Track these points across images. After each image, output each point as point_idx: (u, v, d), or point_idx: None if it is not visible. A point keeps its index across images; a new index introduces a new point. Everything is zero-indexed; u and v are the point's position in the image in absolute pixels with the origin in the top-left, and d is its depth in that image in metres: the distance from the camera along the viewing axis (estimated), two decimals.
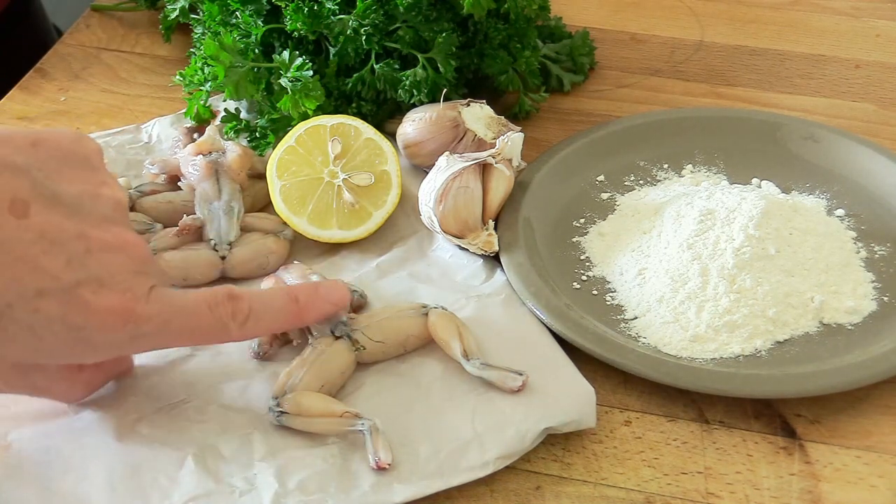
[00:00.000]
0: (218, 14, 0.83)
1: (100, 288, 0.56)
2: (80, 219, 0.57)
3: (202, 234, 0.74)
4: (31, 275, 0.55)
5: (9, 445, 0.62)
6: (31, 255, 0.54)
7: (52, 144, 0.58)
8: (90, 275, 0.56)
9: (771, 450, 0.63)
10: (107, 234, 0.57)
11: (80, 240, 0.56)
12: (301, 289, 0.64)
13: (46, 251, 0.55)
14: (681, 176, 0.80)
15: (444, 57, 0.80)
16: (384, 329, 0.66)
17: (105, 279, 0.56)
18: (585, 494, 0.61)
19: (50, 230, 0.55)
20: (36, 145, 0.57)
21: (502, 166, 0.74)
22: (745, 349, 0.67)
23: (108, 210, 0.58)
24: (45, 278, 0.55)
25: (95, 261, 0.56)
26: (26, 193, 0.55)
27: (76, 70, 0.95)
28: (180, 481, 0.60)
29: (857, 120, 0.86)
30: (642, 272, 0.71)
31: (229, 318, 0.60)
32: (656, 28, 0.98)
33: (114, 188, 0.60)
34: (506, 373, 0.64)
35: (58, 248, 0.55)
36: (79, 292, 0.55)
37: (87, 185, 0.58)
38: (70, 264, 0.55)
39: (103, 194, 0.59)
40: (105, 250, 0.57)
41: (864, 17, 0.99)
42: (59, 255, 0.55)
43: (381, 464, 0.60)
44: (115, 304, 0.56)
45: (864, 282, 0.71)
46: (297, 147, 0.75)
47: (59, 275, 0.55)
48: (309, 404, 0.62)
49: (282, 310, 0.63)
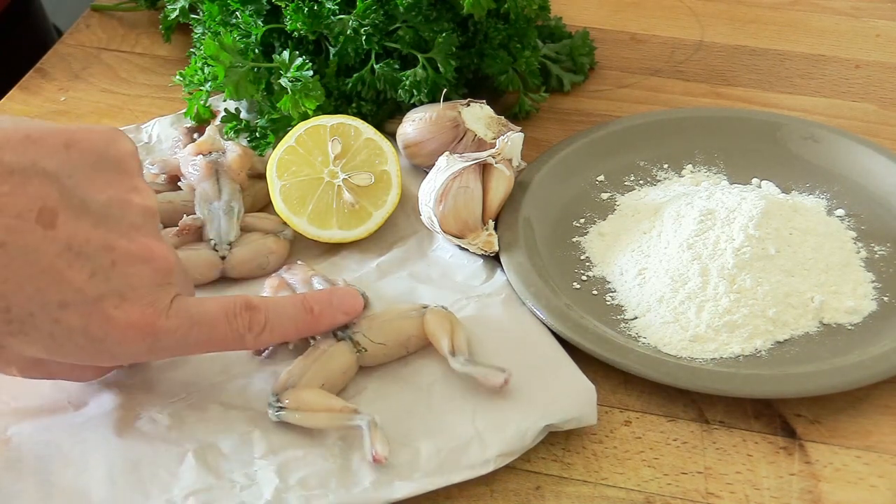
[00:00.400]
0: (218, 14, 0.83)
1: (122, 302, 0.56)
2: (107, 228, 0.57)
3: (202, 234, 0.74)
4: (55, 286, 0.55)
5: (8, 440, 0.63)
6: (56, 266, 0.55)
7: (85, 147, 0.57)
8: (113, 288, 0.56)
9: (771, 450, 0.63)
10: (133, 245, 0.57)
11: (105, 251, 0.56)
12: (315, 298, 0.65)
13: (71, 263, 0.55)
14: (681, 176, 0.80)
15: (444, 57, 0.80)
16: (385, 331, 0.66)
17: (128, 293, 0.57)
18: (585, 494, 0.61)
19: (76, 242, 0.55)
20: (69, 147, 0.56)
21: (502, 166, 0.74)
22: (745, 349, 0.67)
23: (137, 218, 0.58)
24: (68, 291, 0.55)
25: (120, 273, 0.56)
26: (55, 202, 0.55)
27: (76, 70, 0.95)
28: (180, 476, 0.60)
29: (857, 120, 0.86)
30: (642, 272, 0.71)
31: (246, 330, 0.61)
32: (656, 28, 0.98)
33: (144, 195, 0.59)
34: (489, 369, 0.64)
35: (83, 260, 0.55)
36: (101, 306, 0.56)
37: (116, 192, 0.58)
38: (94, 277, 0.56)
39: (133, 202, 0.58)
40: (130, 263, 0.57)
41: (864, 17, 0.99)
42: (84, 268, 0.55)
43: (378, 457, 0.60)
44: (136, 319, 0.57)
45: (864, 282, 0.71)
46: (297, 147, 0.75)
47: (82, 287, 0.55)
48: (308, 399, 0.62)
49: (296, 319, 0.63)
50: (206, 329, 0.60)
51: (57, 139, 0.56)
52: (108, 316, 0.56)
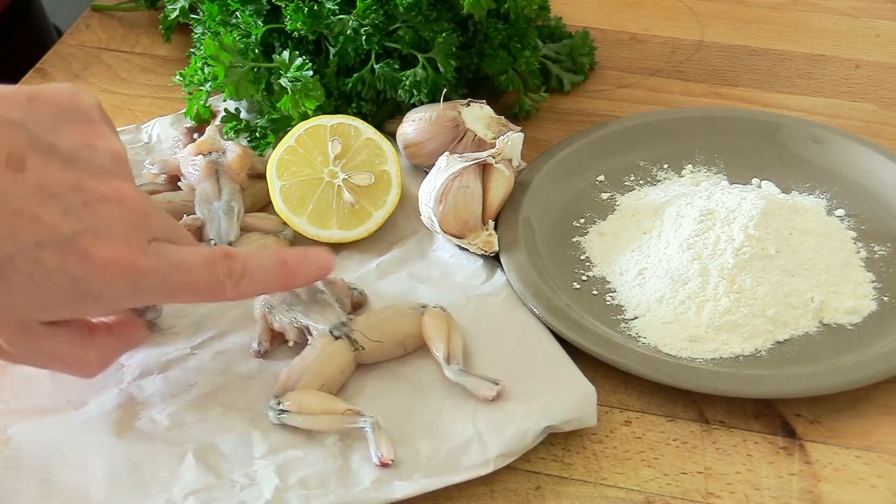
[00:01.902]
0: (218, 14, 0.83)
1: (97, 239, 0.56)
2: (76, 171, 0.57)
3: (202, 234, 0.74)
4: (30, 227, 0.55)
5: (8, 439, 0.63)
6: (28, 207, 0.55)
7: (48, 99, 0.59)
8: (87, 226, 0.56)
9: (771, 450, 0.63)
10: (103, 186, 0.57)
11: (76, 191, 0.56)
12: (290, 252, 0.64)
13: (43, 203, 0.56)
14: (681, 176, 0.80)
15: (444, 57, 0.80)
16: (382, 329, 0.66)
17: (101, 231, 0.57)
18: (585, 494, 0.61)
19: (46, 183, 0.56)
20: (32, 100, 0.58)
21: (502, 166, 0.74)
22: (745, 349, 0.67)
23: (106, 162, 0.59)
24: (42, 230, 0.55)
25: (92, 212, 0.57)
26: (22, 148, 0.56)
27: (76, 70, 0.95)
28: (180, 476, 0.60)
29: (858, 120, 0.86)
30: (642, 272, 0.71)
31: (226, 277, 0.60)
32: (656, 28, 0.98)
33: (111, 140, 0.60)
34: (482, 381, 0.64)
35: (54, 199, 0.56)
36: (77, 242, 0.56)
37: (83, 138, 0.59)
38: (67, 215, 0.56)
39: (100, 146, 0.59)
40: (102, 202, 0.57)
41: (864, 17, 0.99)
42: (56, 207, 0.56)
43: (384, 460, 0.60)
44: (114, 255, 0.57)
45: (864, 282, 0.71)
46: (297, 147, 0.75)
47: (56, 226, 0.56)
48: (310, 402, 0.62)
49: (273, 270, 0.63)
50: (185, 273, 0.59)
51: (20, 94, 0.58)
52: (86, 251, 0.56)
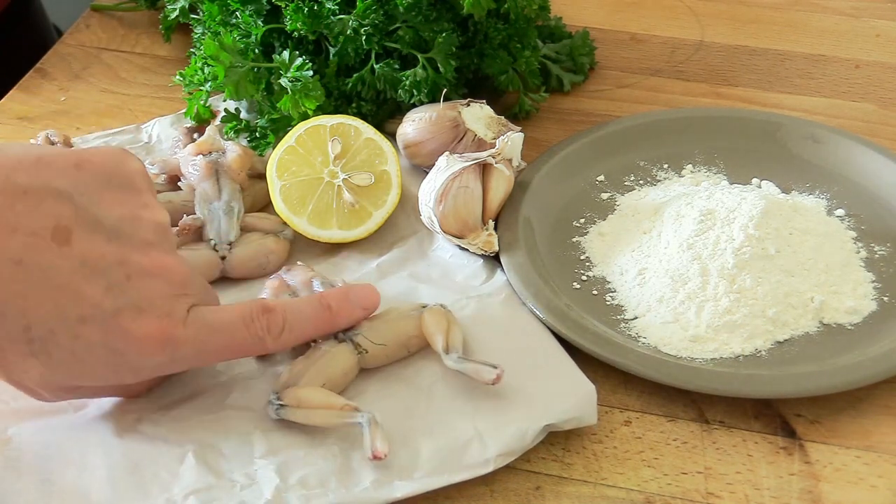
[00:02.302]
0: (218, 14, 0.83)
1: (139, 315, 0.57)
2: (120, 244, 0.58)
3: (202, 234, 0.74)
4: (73, 302, 0.56)
5: (9, 440, 0.63)
6: (72, 282, 0.56)
7: (95, 166, 0.59)
8: (129, 301, 0.57)
9: (771, 450, 0.63)
10: (146, 259, 0.58)
11: (120, 266, 0.57)
12: (332, 296, 0.65)
13: (87, 278, 0.56)
14: (681, 176, 0.80)
15: (444, 57, 0.80)
16: (385, 332, 0.66)
17: (144, 305, 0.57)
18: (585, 494, 0.61)
19: (91, 257, 0.56)
20: (79, 167, 0.58)
21: (502, 166, 0.74)
22: (745, 349, 0.67)
23: (149, 234, 0.59)
24: (86, 305, 0.56)
25: (135, 287, 0.57)
26: (68, 220, 0.56)
27: (76, 70, 0.95)
28: (181, 476, 0.60)
29: (857, 120, 0.86)
30: (642, 272, 0.71)
31: (265, 333, 0.61)
32: (656, 28, 0.98)
33: (155, 211, 0.61)
34: (481, 366, 0.63)
35: (98, 275, 0.56)
36: (119, 319, 0.57)
37: (128, 209, 0.59)
38: (110, 291, 0.57)
39: (144, 217, 0.59)
40: (144, 276, 0.58)
41: (864, 17, 0.99)
42: (100, 282, 0.56)
43: (378, 453, 0.59)
44: (153, 331, 0.57)
45: (864, 282, 0.71)
46: (297, 147, 0.75)
47: (100, 302, 0.56)
48: (309, 396, 0.62)
49: (314, 318, 0.64)
50: (225, 336, 0.60)
51: (67, 160, 0.58)
52: (126, 329, 0.57)
